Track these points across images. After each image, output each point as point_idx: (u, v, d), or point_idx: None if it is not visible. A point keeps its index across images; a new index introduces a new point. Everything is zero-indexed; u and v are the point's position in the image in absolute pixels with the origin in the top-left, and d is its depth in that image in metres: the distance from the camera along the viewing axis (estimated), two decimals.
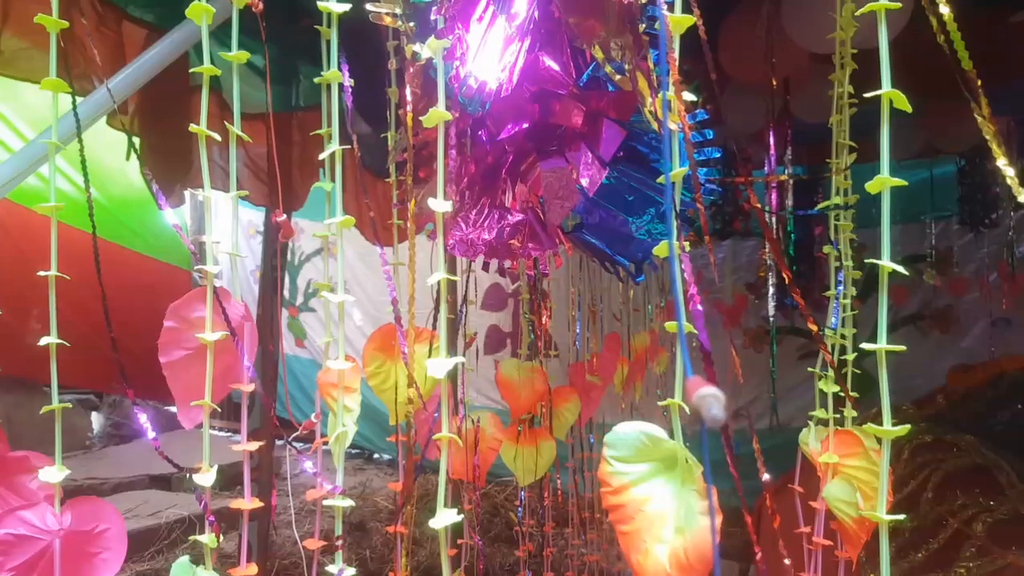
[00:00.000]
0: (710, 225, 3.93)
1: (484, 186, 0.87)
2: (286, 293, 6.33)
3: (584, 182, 0.81)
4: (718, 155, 0.84)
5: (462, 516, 0.75)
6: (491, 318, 4.79)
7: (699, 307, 0.64)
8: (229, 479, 3.07)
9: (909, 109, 0.68)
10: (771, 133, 1.51)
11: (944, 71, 0.74)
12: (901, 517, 0.98)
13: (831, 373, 1.34)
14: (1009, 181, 0.67)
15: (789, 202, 2.37)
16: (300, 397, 5.80)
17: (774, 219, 1.99)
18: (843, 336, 1.37)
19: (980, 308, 4.32)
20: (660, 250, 0.76)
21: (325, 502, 0.89)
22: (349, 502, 0.88)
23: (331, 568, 0.86)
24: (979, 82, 0.70)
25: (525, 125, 0.80)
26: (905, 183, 0.69)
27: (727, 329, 4.59)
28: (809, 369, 1.38)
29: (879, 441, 0.80)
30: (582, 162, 0.82)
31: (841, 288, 1.36)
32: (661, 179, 0.74)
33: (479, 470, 1.69)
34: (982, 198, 4.02)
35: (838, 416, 1.34)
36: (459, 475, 1.67)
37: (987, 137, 0.69)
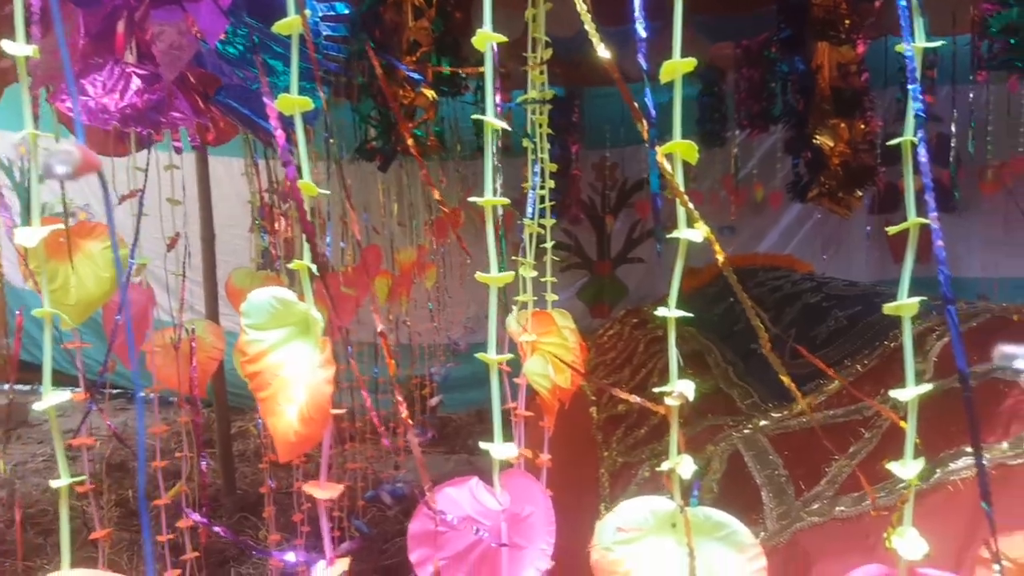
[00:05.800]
0: (474, 142, 3.97)
1: (99, 36, 0.77)
2: (17, 218, 5.48)
3: (203, 33, 0.75)
4: (347, 11, 0.82)
5: (68, 396, 0.69)
6: None
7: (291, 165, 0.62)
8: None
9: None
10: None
11: None
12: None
13: (529, 259, 1.46)
14: (594, 43, 0.71)
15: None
16: (37, 332, 5.14)
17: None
18: (541, 225, 1.47)
19: (712, 218, 4.92)
20: (282, 104, 0.73)
21: None
22: None
23: None
24: None
25: None
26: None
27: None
28: (513, 257, 1.47)
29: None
30: (200, 11, 0.76)
31: (537, 179, 1.45)
32: (275, 28, 0.70)
33: (197, 380, 1.61)
34: (718, 118, 4.53)
35: (536, 299, 1.46)
36: (171, 385, 1.58)
37: (583, 21, 0.73)
